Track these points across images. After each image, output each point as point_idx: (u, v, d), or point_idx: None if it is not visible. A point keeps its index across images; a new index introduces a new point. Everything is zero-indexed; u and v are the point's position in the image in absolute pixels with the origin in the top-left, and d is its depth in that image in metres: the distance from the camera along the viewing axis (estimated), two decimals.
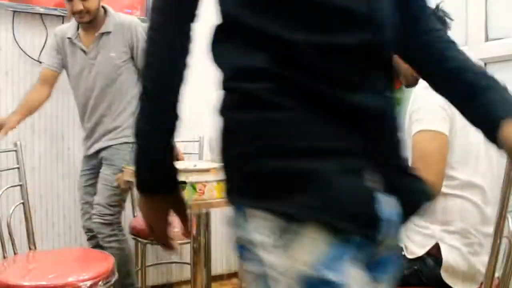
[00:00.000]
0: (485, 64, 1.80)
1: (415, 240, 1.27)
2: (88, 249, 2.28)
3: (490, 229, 1.21)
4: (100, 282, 1.46)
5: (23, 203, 1.80)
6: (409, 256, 1.26)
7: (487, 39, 1.80)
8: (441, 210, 1.24)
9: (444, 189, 1.23)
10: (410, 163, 1.22)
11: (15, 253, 1.71)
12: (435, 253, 1.23)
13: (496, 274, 1.11)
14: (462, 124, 1.22)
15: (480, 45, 1.80)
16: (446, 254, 1.22)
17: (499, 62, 1.75)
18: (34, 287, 1.38)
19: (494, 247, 1.06)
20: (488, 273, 1.08)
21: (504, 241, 1.09)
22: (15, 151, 1.80)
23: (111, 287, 1.53)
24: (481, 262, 1.23)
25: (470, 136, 1.24)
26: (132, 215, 2.48)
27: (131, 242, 2.53)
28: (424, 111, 1.22)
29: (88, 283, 1.42)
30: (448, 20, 1.41)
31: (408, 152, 1.28)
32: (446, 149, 1.20)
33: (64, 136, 2.39)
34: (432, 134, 1.19)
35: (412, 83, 1.43)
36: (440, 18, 1.39)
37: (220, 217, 2.87)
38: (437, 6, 1.41)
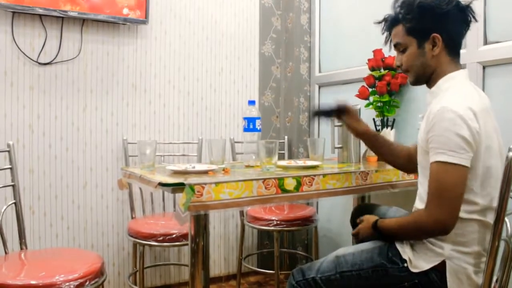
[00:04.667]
0: (484, 67, 1.80)
1: (422, 255, 1.24)
2: (79, 249, 2.29)
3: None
4: (87, 282, 1.45)
5: (15, 203, 1.80)
6: (413, 270, 1.24)
7: (485, 42, 1.80)
8: (457, 232, 1.19)
9: (463, 214, 1.18)
10: (427, 191, 1.17)
11: (6, 253, 1.71)
12: (440, 268, 1.21)
13: (494, 277, 1.11)
14: (485, 147, 1.17)
15: (479, 48, 1.81)
16: (451, 273, 1.20)
17: (498, 65, 1.75)
18: (21, 286, 1.37)
19: (492, 250, 1.06)
20: (486, 275, 1.08)
21: (502, 244, 1.09)
22: (8, 151, 1.81)
23: (100, 287, 1.52)
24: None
25: (492, 159, 1.19)
26: (131, 217, 2.48)
27: (129, 244, 2.54)
28: (443, 139, 1.14)
29: (75, 282, 1.42)
30: (472, 20, 1.31)
31: (426, 178, 1.21)
32: (465, 183, 1.14)
33: (63, 137, 2.39)
34: (450, 168, 1.12)
35: (422, 81, 1.36)
36: (466, 19, 1.30)
37: (218, 219, 2.88)
38: (469, 4, 1.30)
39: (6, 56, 2.24)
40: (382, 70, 2.19)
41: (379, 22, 1.43)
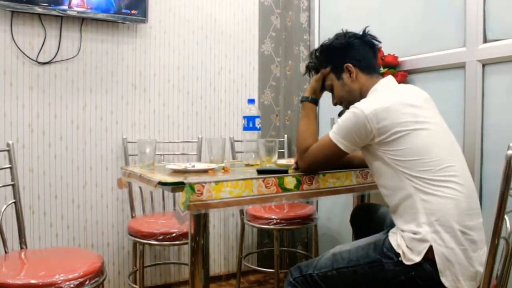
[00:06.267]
0: (484, 65, 1.80)
1: (411, 247, 1.26)
2: (79, 248, 2.28)
3: (473, 222, 1.26)
4: (87, 281, 1.45)
5: (15, 202, 1.80)
6: (407, 263, 1.26)
7: (485, 40, 1.79)
8: (424, 211, 1.25)
9: (421, 187, 1.26)
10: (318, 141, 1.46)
11: (6, 252, 1.71)
12: (431, 257, 1.23)
13: (495, 272, 1.11)
14: (402, 134, 1.29)
15: (478, 46, 1.81)
16: (440, 256, 1.22)
17: (497, 63, 1.75)
18: (21, 286, 1.37)
19: (492, 248, 1.06)
20: (486, 274, 1.08)
21: (502, 242, 1.09)
22: (8, 150, 1.81)
23: (100, 286, 1.52)
24: (478, 260, 1.23)
25: (418, 140, 1.29)
26: (130, 216, 2.48)
27: (129, 243, 2.54)
28: (339, 125, 1.39)
29: (75, 282, 1.42)
30: (376, 43, 1.54)
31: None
32: (335, 158, 1.46)
33: (63, 136, 2.38)
34: (333, 146, 1.40)
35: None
36: (368, 42, 1.53)
37: (218, 218, 2.88)
38: (364, 31, 1.53)
39: (5, 56, 2.24)
40: (381, 69, 2.19)
41: (304, 74, 1.70)
